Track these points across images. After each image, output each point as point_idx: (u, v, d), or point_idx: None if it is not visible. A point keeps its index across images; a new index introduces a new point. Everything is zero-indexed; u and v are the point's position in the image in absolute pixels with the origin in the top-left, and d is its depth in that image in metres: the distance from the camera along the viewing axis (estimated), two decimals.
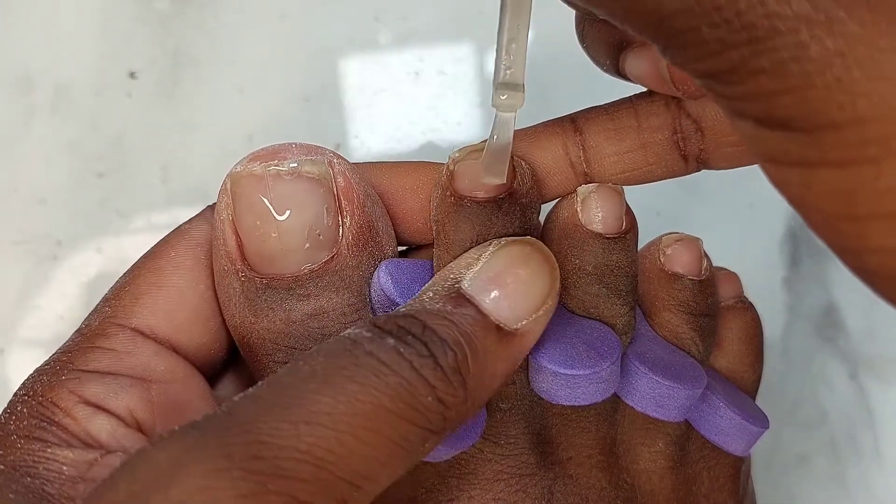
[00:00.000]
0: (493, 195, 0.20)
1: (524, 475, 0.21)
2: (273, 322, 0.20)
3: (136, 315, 0.20)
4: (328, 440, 0.15)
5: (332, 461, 0.15)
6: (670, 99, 0.21)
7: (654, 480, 0.23)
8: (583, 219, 0.22)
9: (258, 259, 0.19)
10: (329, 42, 0.36)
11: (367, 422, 0.15)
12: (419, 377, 0.16)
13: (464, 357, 0.17)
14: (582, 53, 0.22)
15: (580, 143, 0.22)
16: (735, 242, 0.36)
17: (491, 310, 0.18)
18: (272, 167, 0.19)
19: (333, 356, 0.16)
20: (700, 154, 0.21)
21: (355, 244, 0.20)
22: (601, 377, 0.21)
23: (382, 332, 0.16)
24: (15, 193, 0.35)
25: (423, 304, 0.18)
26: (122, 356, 0.19)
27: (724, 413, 0.23)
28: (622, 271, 0.22)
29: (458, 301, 0.18)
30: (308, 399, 0.15)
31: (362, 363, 0.16)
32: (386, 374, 0.16)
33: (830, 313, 0.36)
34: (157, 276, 0.20)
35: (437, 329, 0.17)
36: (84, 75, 0.35)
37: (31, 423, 0.17)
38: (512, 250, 0.19)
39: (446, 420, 0.16)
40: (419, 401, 0.16)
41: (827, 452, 0.36)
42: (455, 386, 0.16)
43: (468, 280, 0.18)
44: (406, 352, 0.16)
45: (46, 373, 0.19)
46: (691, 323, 0.23)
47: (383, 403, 0.15)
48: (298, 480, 0.14)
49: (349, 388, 0.15)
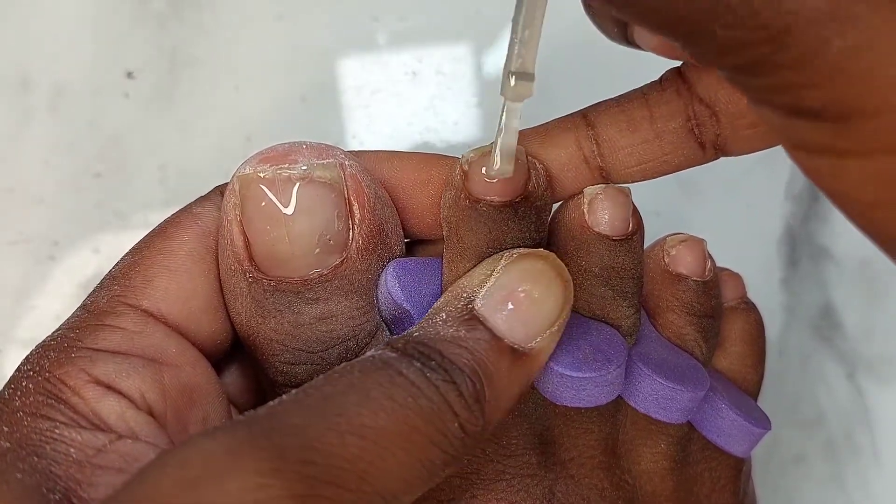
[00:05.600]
0: (509, 199, 0.20)
1: (526, 475, 0.21)
2: (281, 324, 0.19)
3: (148, 297, 0.19)
4: (371, 453, 0.15)
5: (372, 474, 0.15)
6: (682, 85, 0.21)
7: (655, 481, 0.23)
8: (589, 220, 0.21)
9: (267, 261, 0.19)
10: (327, 42, 0.36)
11: (403, 441, 0.15)
12: (446, 403, 0.16)
13: (481, 385, 0.17)
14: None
15: (593, 138, 0.21)
16: (733, 243, 0.36)
17: (505, 332, 0.18)
18: (283, 170, 0.19)
19: (368, 372, 0.16)
20: (717, 140, 0.21)
21: (365, 248, 0.19)
22: (607, 380, 0.21)
23: (406, 355, 0.17)
24: (12, 194, 0.35)
25: (437, 330, 0.18)
26: (133, 336, 0.18)
27: (727, 414, 0.23)
28: (628, 273, 0.22)
29: (471, 324, 0.18)
30: (351, 411, 0.15)
31: (397, 382, 0.16)
32: (418, 397, 0.16)
33: (828, 314, 0.36)
34: (170, 260, 0.20)
35: (453, 359, 0.17)
36: (81, 76, 0.35)
37: (37, 399, 0.17)
38: (525, 266, 0.19)
39: (465, 447, 0.17)
40: (446, 426, 0.16)
41: (824, 452, 0.36)
42: (476, 415, 0.17)
43: (481, 299, 0.18)
44: (433, 377, 0.16)
45: (53, 349, 0.18)
46: (695, 324, 0.23)
47: (418, 426, 0.15)
48: (344, 489, 0.14)
49: (388, 406, 0.15)
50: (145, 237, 0.20)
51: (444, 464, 0.16)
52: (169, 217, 0.21)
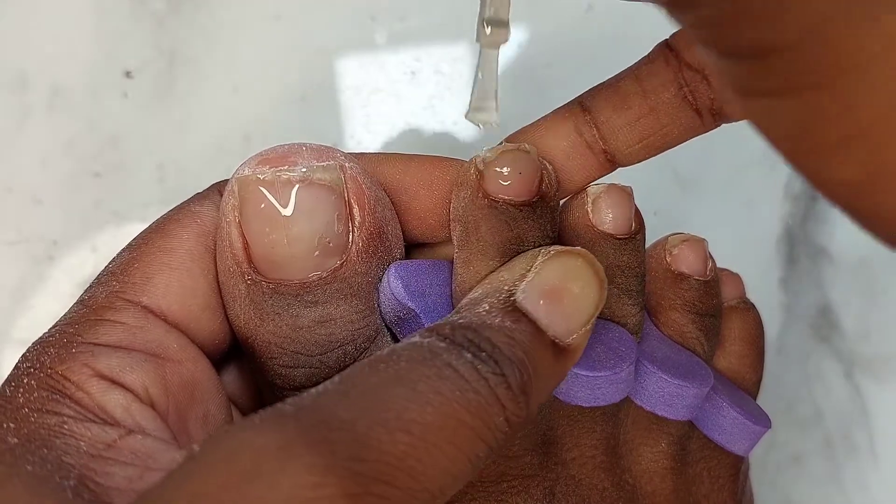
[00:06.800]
0: (527, 198, 0.20)
1: (527, 476, 0.21)
2: (279, 327, 0.19)
3: (148, 294, 0.19)
4: (419, 450, 0.15)
5: (420, 471, 0.15)
6: (670, 55, 0.21)
7: (655, 481, 0.23)
8: (594, 220, 0.22)
9: (266, 264, 0.19)
10: (325, 42, 0.36)
11: (451, 435, 0.15)
12: (495, 396, 0.16)
13: (529, 378, 0.17)
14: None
15: (591, 122, 0.21)
16: (732, 242, 0.36)
17: (547, 325, 0.18)
18: (283, 173, 0.18)
19: (415, 362, 0.16)
20: (712, 104, 0.21)
21: (365, 251, 0.19)
22: (620, 378, 0.21)
23: (456, 345, 0.16)
24: (10, 193, 0.34)
25: (482, 318, 0.17)
26: (135, 330, 0.18)
27: (728, 413, 0.23)
28: (632, 271, 0.22)
29: (515, 316, 0.18)
30: (398, 405, 0.15)
31: (445, 375, 0.16)
32: (467, 391, 0.16)
33: (826, 313, 0.36)
34: (169, 257, 0.19)
35: (504, 349, 0.17)
36: (79, 75, 0.35)
37: (41, 395, 0.17)
38: (565, 263, 0.19)
39: (507, 439, 0.16)
40: (492, 420, 0.16)
41: (822, 451, 0.36)
42: (522, 406, 0.16)
43: (522, 292, 0.18)
44: (483, 369, 0.16)
45: (53, 345, 0.18)
46: (697, 322, 0.24)
47: (465, 419, 0.15)
48: (394, 487, 0.14)
49: (435, 400, 0.15)
50: (143, 233, 0.20)
51: (486, 456, 0.16)
52: (167, 214, 0.20)
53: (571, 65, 0.34)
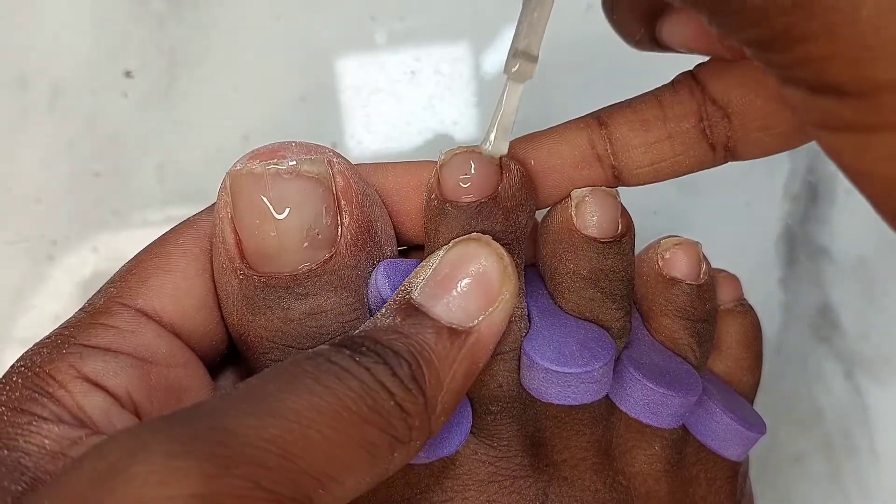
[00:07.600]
0: (476, 199, 0.20)
1: (518, 477, 0.21)
2: (270, 320, 0.20)
3: (142, 296, 0.19)
4: (293, 433, 0.15)
5: (296, 454, 0.15)
6: (695, 87, 0.21)
7: (649, 483, 0.23)
8: (577, 223, 0.22)
9: (257, 257, 0.19)
10: (325, 42, 0.36)
11: (331, 420, 0.15)
12: (377, 382, 0.16)
13: (418, 366, 0.17)
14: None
15: (606, 137, 0.21)
16: (731, 242, 0.36)
17: (441, 314, 0.18)
18: (272, 166, 0.19)
19: (297, 363, 0.16)
20: (728, 141, 0.21)
21: (354, 244, 0.20)
22: (593, 377, 0.21)
23: (337, 346, 0.17)
24: (10, 193, 0.35)
25: (376, 323, 0.18)
26: (125, 334, 0.19)
27: (721, 419, 0.23)
28: (617, 276, 0.22)
29: (407, 312, 0.18)
30: (273, 396, 0.15)
31: (324, 368, 0.16)
32: (347, 378, 0.16)
33: (826, 313, 0.36)
34: (165, 261, 0.20)
35: (388, 343, 0.17)
36: (79, 75, 0.35)
37: (23, 394, 0.17)
38: (458, 250, 0.19)
39: (412, 429, 0.17)
40: (381, 405, 0.16)
41: (822, 451, 0.36)
42: (414, 394, 0.17)
43: (418, 290, 0.18)
44: (364, 360, 0.16)
45: (47, 346, 0.18)
46: (689, 328, 0.23)
47: (346, 405, 0.16)
48: (263, 467, 0.14)
49: (314, 389, 0.16)
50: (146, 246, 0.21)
51: (389, 446, 0.16)
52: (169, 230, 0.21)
53: (571, 64, 0.34)
